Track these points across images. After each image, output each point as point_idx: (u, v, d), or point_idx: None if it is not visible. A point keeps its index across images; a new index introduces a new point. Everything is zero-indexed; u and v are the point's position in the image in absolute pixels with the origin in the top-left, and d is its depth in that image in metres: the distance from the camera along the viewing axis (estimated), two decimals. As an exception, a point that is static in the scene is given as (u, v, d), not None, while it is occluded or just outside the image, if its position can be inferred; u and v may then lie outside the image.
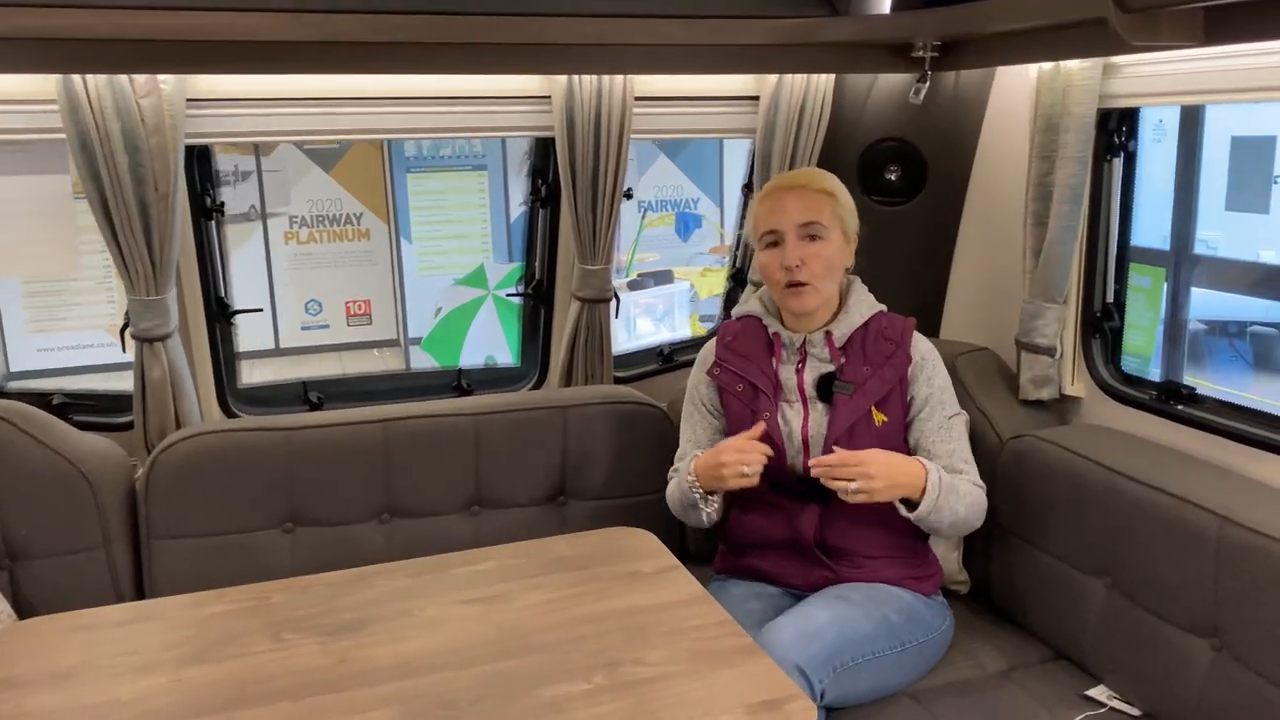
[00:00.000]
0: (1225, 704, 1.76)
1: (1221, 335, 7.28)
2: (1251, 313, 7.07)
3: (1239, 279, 6.49)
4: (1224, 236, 6.95)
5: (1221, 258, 6.67)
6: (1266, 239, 6.69)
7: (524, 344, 2.90)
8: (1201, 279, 6.22)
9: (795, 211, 1.99)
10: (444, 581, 1.87)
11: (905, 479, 1.90)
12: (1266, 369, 6.91)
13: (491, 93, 2.44)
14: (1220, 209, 6.96)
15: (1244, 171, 6.79)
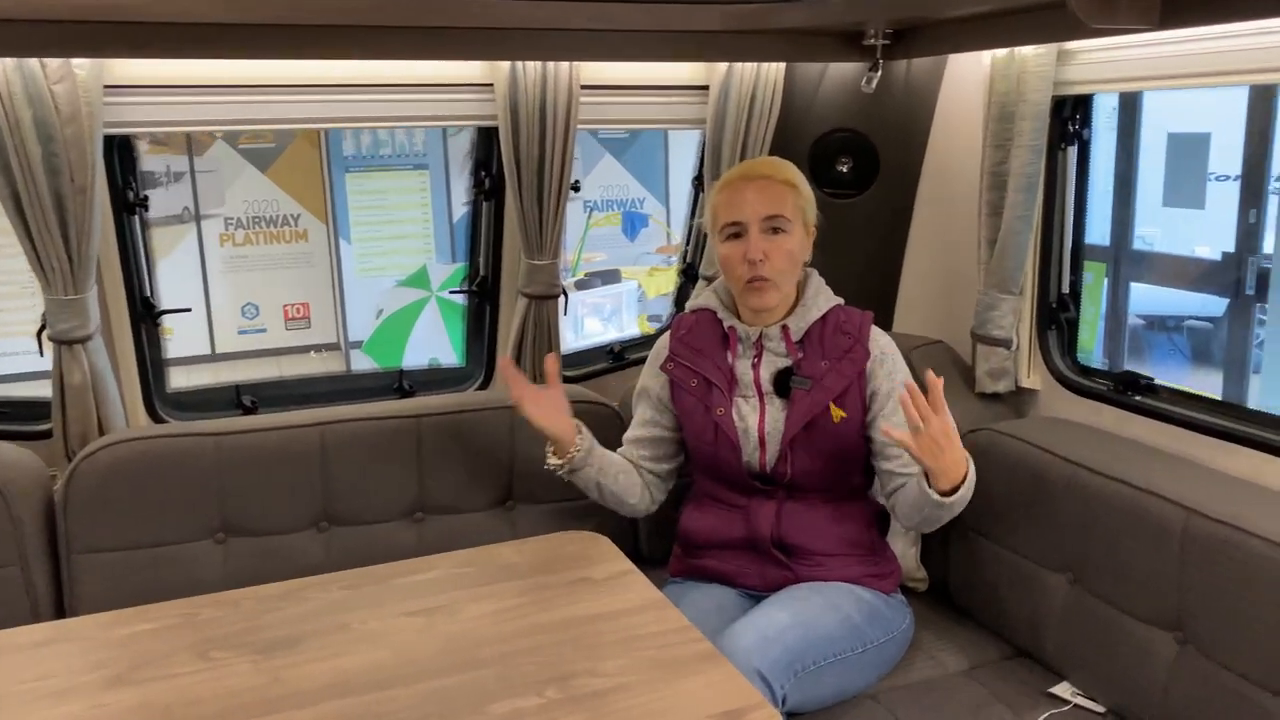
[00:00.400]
0: (1190, 698, 1.72)
1: (1160, 330, 7.42)
2: (1188, 307, 7.20)
3: (1176, 274, 6.59)
4: (1161, 232, 7.07)
5: (1159, 253, 6.78)
6: (1202, 235, 6.80)
7: (469, 343, 2.80)
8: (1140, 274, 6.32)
9: (759, 203, 1.93)
10: (385, 592, 1.77)
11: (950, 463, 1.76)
12: (1203, 362, 7.04)
13: (432, 80, 2.34)
14: (1158, 205, 7.08)
15: (1180, 168, 6.91)
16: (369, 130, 7.28)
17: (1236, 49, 1.85)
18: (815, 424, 1.93)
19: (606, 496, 2.10)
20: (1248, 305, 5.55)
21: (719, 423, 1.97)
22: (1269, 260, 5.31)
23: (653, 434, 2.12)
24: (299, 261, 7.37)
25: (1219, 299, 6.68)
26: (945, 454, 1.73)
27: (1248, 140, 5.37)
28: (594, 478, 2.06)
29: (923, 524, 1.91)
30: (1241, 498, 1.75)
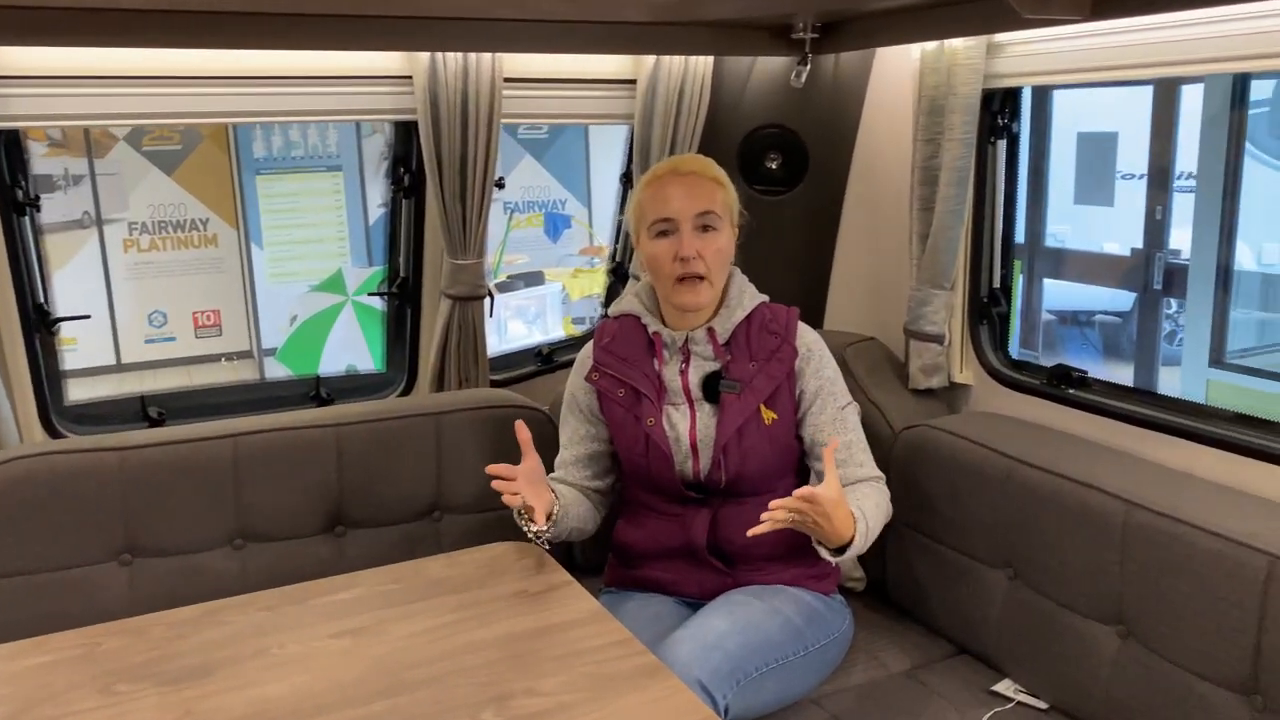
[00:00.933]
0: (1133, 691, 1.72)
1: (1072, 324, 7.61)
2: (1098, 302, 7.40)
3: (1087, 270, 6.75)
4: (1072, 230, 7.25)
5: (1071, 250, 6.94)
6: (1111, 232, 6.99)
7: (389, 348, 2.69)
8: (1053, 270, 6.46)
9: (690, 200, 1.86)
10: (306, 613, 1.67)
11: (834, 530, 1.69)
12: (1114, 356, 7.24)
13: (347, 72, 2.23)
14: (1069, 203, 7.26)
15: (1090, 166, 7.09)
16: (280, 130, 7.08)
17: (1162, 41, 1.85)
18: (747, 428, 1.88)
19: (572, 536, 1.97)
20: (1155, 300, 5.68)
21: (650, 434, 1.91)
22: (1175, 256, 5.45)
23: (590, 450, 2.04)
24: (208, 267, 7.12)
25: (1128, 294, 6.88)
26: (830, 522, 1.66)
27: (1153, 139, 5.51)
28: (567, 527, 1.91)
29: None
30: (1180, 489, 1.75)
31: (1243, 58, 1.77)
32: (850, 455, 1.92)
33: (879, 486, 1.93)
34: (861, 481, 1.92)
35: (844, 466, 1.91)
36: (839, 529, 1.69)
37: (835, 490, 1.67)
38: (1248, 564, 1.53)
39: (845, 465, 1.91)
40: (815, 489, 1.63)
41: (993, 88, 2.19)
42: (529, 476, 1.78)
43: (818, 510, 1.64)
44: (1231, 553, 1.56)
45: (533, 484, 1.79)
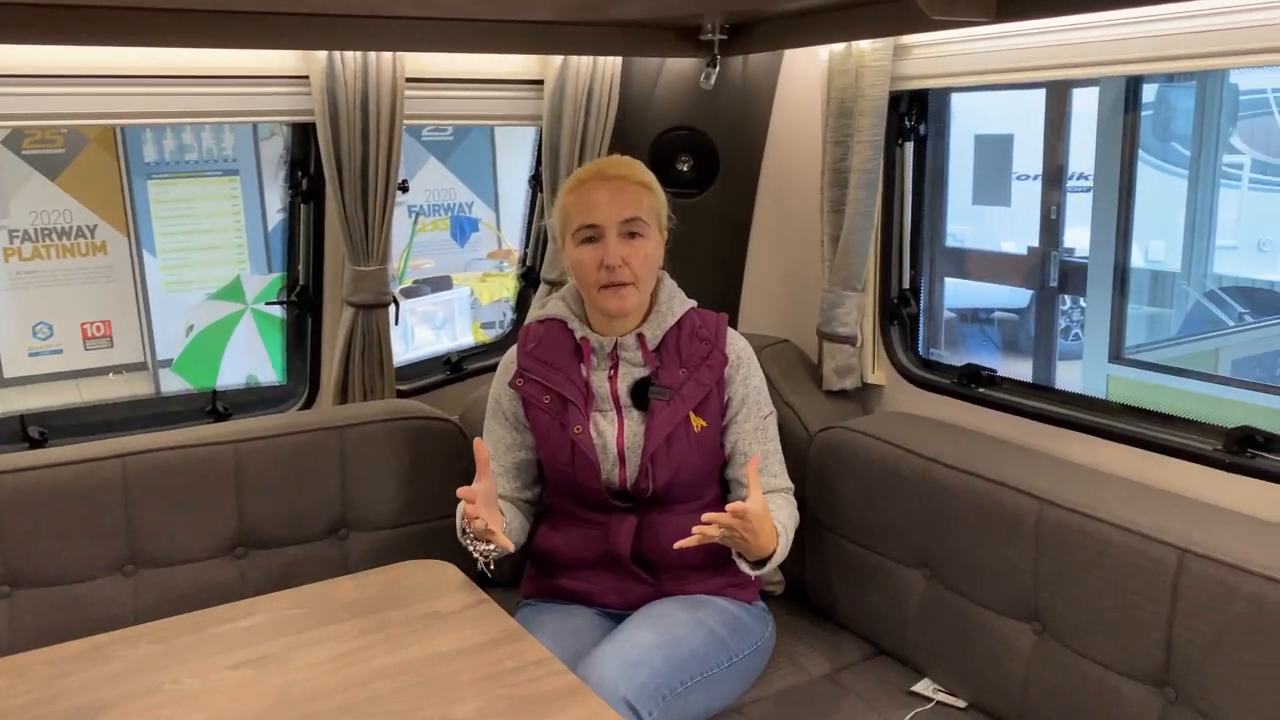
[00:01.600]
0: (1050, 687, 1.74)
1: (972, 322, 7.81)
2: (996, 300, 7.61)
3: (985, 269, 6.93)
4: (971, 229, 7.44)
5: (970, 249, 7.12)
6: (1008, 231, 7.19)
7: (290, 359, 2.58)
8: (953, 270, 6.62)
9: (616, 205, 1.81)
10: (204, 644, 1.57)
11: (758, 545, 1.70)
12: (1012, 352, 7.46)
13: (240, 71, 2.12)
14: (967, 203, 7.45)
15: (987, 168, 7.29)
16: (172, 133, 6.82)
17: (1061, 44, 1.88)
18: (676, 435, 1.85)
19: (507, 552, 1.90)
20: (1051, 297, 5.85)
21: (576, 442, 1.85)
22: (1069, 255, 5.62)
23: (517, 459, 1.97)
24: (97, 276, 6.81)
25: (1024, 292, 7.09)
26: (757, 537, 1.68)
27: (1047, 141, 5.67)
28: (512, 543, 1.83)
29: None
30: (1090, 486, 1.77)
31: (1136, 60, 1.81)
32: (767, 466, 1.91)
33: (789, 499, 1.94)
34: (775, 493, 1.92)
35: (760, 476, 1.89)
36: (763, 543, 1.70)
37: (762, 505, 1.67)
38: (1158, 558, 1.56)
39: (762, 475, 1.89)
40: (746, 505, 1.63)
41: (900, 90, 2.20)
42: (486, 498, 1.71)
43: (746, 526, 1.64)
44: (1142, 547, 1.58)
45: (488, 506, 1.72)
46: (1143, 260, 6.18)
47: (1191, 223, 5.70)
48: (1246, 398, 3.78)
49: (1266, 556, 1.46)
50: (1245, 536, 1.53)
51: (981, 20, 1.73)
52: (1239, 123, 5.98)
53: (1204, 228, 5.74)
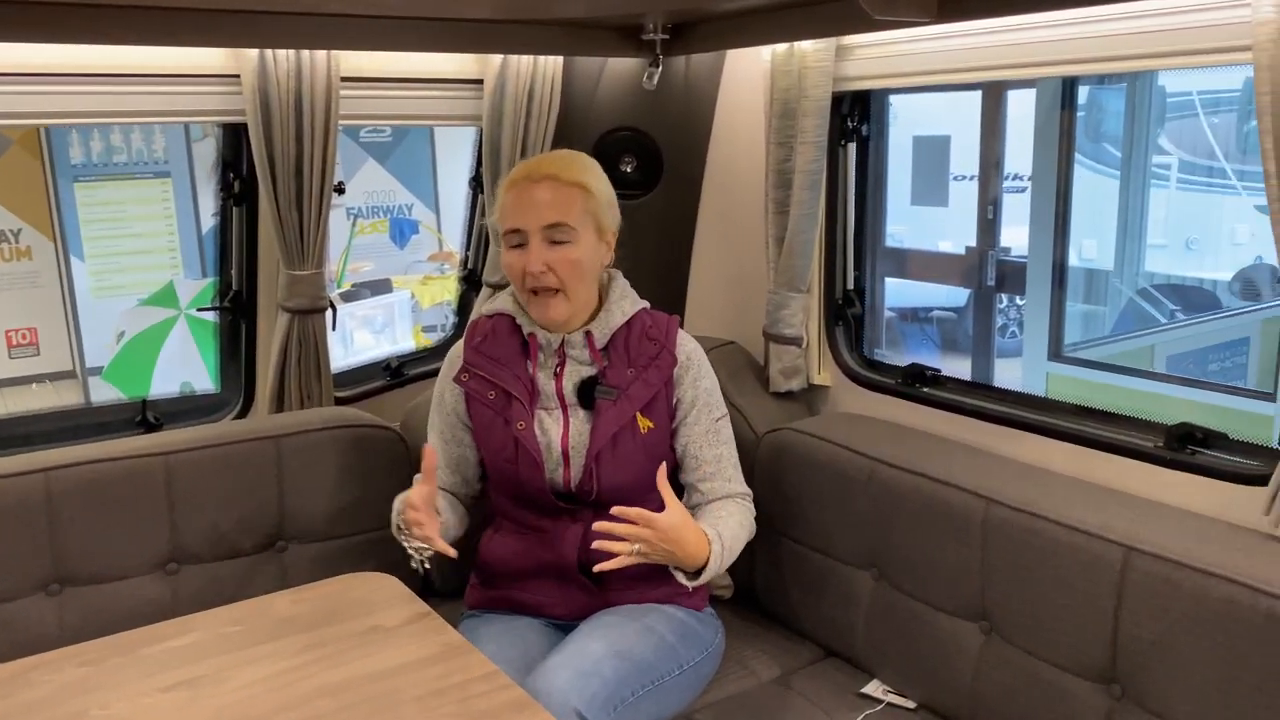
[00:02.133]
0: (998, 686, 1.74)
1: (912, 321, 7.91)
2: (935, 299, 7.72)
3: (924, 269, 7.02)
4: (909, 230, 7.53)
5: (909, 249, 7.21)
6: (946, 231, 7.29)
7: (224, 366, 2.51)
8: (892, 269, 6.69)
9: (542, 210, 1.77)
10: (134, 665, 1.51)
11: (686, 555, 1.68)
12: (951, 350, 7.58)
13: (169, 70, 2.05)
14: (906, 203, 7.54)
15: (925, 169, 7.38)
16: (100, 134, 6.62)
17: (999, 45, 1.89)
18: (622, 436, 1.82)
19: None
20: (989, 296, 5.93)
21: (519, 438, 1.82)
22: (1006, 254, 5.71)
23: (457, 455, 1.94)
24: (22, 282, 6.58)
25: (963, 291, 7.19)
26: (681, 546, 1.65)
27: (983, 142, 5.75)
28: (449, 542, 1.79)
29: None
30: (1036, 484, 1.78)
31: (1073, 61, 1.83)
32: (719, 469, 1.88)
33: (743, 505, 1.90)
34: (728, 498, 1.88)
35: (713, 480, 1.88)
36: (691, 551, 1.66)
37: (676, 515, 1.64)
38: (1104, 556, 1.57)
39: (714, 479, 1.88)
40: (654, 514, 1.60)
41: (842, 90, 2.19)
42: (427, 503, 1.68)
43: (662, 537, 1.61)
44: (1088, 545, 1.59)
45: (428, 510, 1.68)
46: (1077, 259, 6.31)
47: (1123, 222, 5.83)
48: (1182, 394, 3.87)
49: (1209, 552, 1.48)
50: (1188, 533, 1.55)
51: (923, 20, 1.73)
52: (1167, 124, 6.13)
53: (1135, 227, 5.88)
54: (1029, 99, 4.63)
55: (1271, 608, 1.37)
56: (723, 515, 1.83)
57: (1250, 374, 4.76)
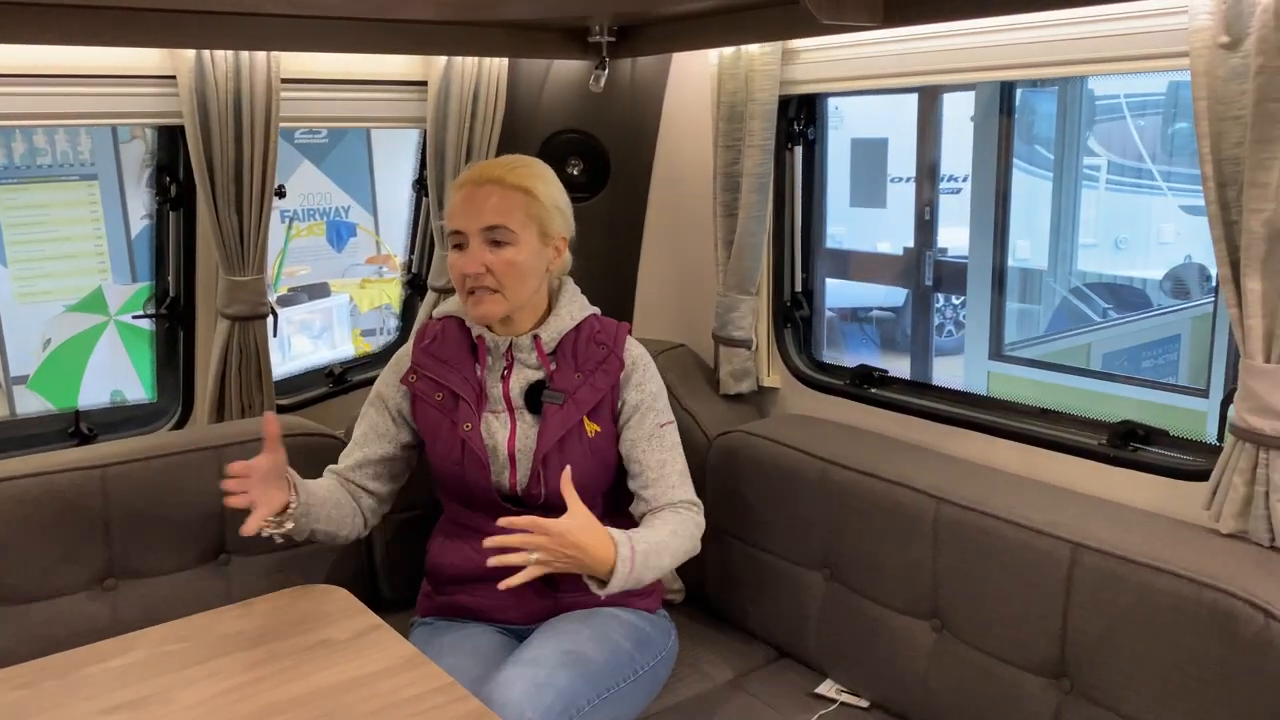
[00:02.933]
0: (950, 683, 1.76)
1: (852, 320, 8.00)
2: (874, 299, 7.81)
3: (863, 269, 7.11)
4: (848, 231, 7.62)
5: (848, 250, 7.29)
6: (884, 232, 7.39)
7: (160, 375, 2.44)
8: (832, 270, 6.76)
9: (482, 212, 1.77)
10: (74, 688, 1.45)
11: (594, 561, 1.61)
12: (890, 349, 7.68)
13: (101, 70, 1.98)
14: (845, 205, 7.62)
15: (863, 170, 7.47)
16: (22, 135, 6.40)
17: (940, 49, 1.92)
18: (569, 439, 1.81)
19: (319, 540, 1.84)
20: (927, 296, 6.02)
21: (466, 440, 1.80)
22: (943, 254, 5.80)
23: (382, 452, 1.90)
24: (-60, 289, 6.35)
25: (900, 290, 7.29)
26: (585, 552, 1.59)
27: (919, 144, 5.84)
28: (308, 527, 1.77)
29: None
30: (984, 483, 1.81)
31: (1009, 66, 1.87)
32: (663, 475, 1.86)
33: (685, 515, 1.84)
34: (671, 505, 1.84)
35: (656, 486, 1.85)
36: (599, 557, 1.60)
37: (576, 519, 1.59)
38: (1052, 552, 1.59)
39: (657, 485, 1.85)
40: (546, 520, 1.56)
41: (789, 94, 2.21)
42: (268, 475, 1.64)
43: (560, 543, 1.56)
44: (1036, 542, 1.62)
45: (270, 483, 1.65)
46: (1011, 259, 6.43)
47: (1056, 222, 5.96)
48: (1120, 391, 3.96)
49: (1153, 548, 1.51)
50: (1132, 528, 1.58)
51: (870, 25, 1.74)
52: (1096, 127, 6.28)
53: (1068, 227, 6.01)
54: (965, 101, 4.71)
55: (1215, 601, 1.40)
56: (654, 524, 1.79)
57: (1181, 371, 4.90)
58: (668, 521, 1.81)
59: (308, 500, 1.75)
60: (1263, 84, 1.39)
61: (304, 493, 1.75)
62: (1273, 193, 1.39)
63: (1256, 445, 1.47)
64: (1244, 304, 1.46)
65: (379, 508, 1.94)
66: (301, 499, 1.73)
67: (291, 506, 1.70)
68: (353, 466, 1.91)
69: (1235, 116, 1.45)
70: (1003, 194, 3.50)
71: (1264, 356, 1.45)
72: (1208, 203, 1.49)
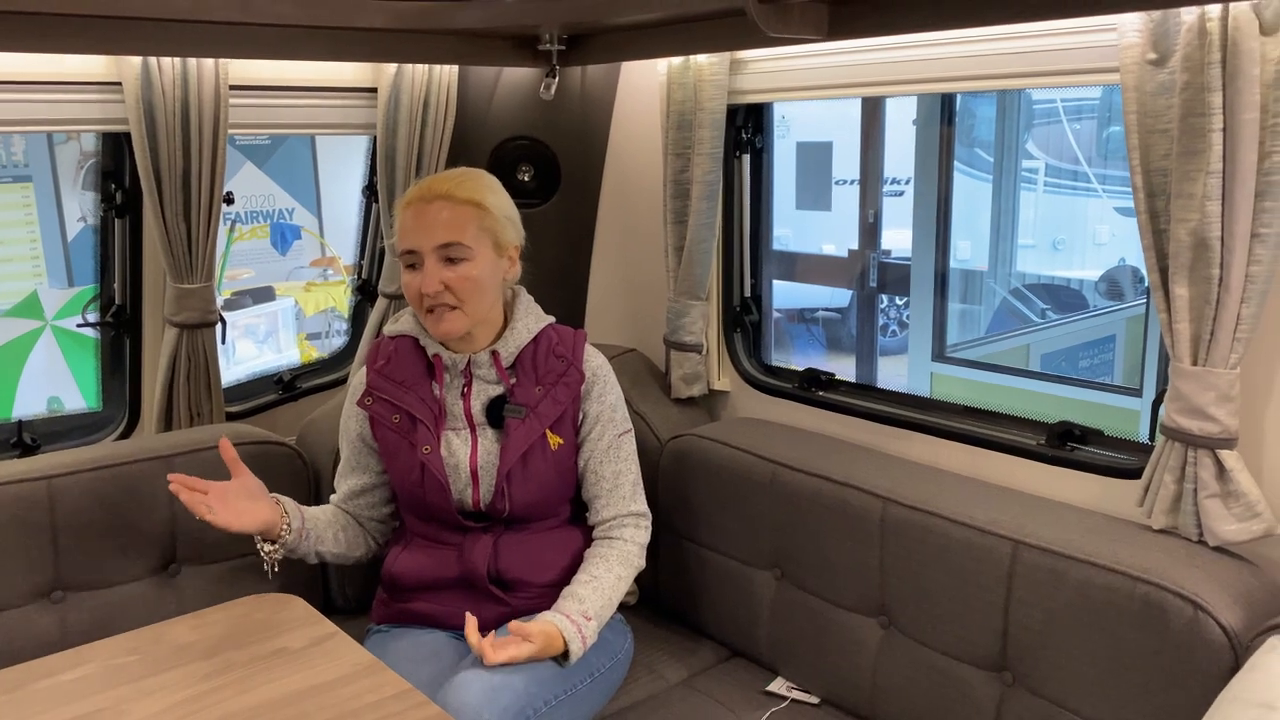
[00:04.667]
0: (897, 678, 1.81)
1: (799, 321, 8.09)
2: (819, 300, 7.92)
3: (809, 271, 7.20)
4: (794, 233, 7.71)
5: (794, 252, 7.38)
6: (829, 234, 7.49)
7: (105, 383, 2.41)
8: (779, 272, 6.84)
9: (434, 230, 1.77)
10: (23, 702, 1.44)
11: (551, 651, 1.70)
12: (836, 349, 7.79)
13: (44, 77, 1.96)
14: (791, 207, 7.71)
15: (809, 174, 7.57)
16: (-47, 138, 6.25)
17: (883, 62, 1.97)
18: (532, 453, 1.83)
19: (329, 560, 1.91)
20: (871, 297, 6.12)
21: (425, 462, 1.81)
22: (887, 256, 5.90)
23: (363, 482, 1.94)
24: None
25: (845, 292, 7.40)
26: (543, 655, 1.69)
27: (863, 148, 5.93)
28: (312, 549, 1.84)
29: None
30: (929, 483, 1.86)
31: (945, 79, 1.93)
32: (617, 486, 1.90)
33: (625, 548, 1.88)
34: (619, 519, 1.89)
35: (609, 497, 1.90)
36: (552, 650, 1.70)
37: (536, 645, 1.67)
38: (993, 550, 1.65)
39: (611, 496, 1.89)
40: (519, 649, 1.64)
41: (737, 104, 2.25)
42: (238, 493, 1.71)
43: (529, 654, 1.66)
44: (978, 540, 1.68)
45: (243, 500, 1.71)
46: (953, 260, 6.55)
47: (996, 224, 6.09)
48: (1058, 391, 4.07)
49: (1089, 544, 1.57)
50: (1070, 525, 1.64)
51: (814, 38, 1.78)
52: (1034, 130, 6.44)
53: (1007, 229, 6.15)
54: (908, 104, 4.80)
55: (1147, 594, 1.47)
56: (598, 573, 1.83)
57: (1117, 370, 5.04)
58: (612, 564, 1.85)
59: (305, 524, 1.81)
60: (1187, 99, 1.45)
61: (299, 517, 1.81)
62: (1198, 203, 1.46)
63: (1185, 444, 1.54)
64: (1172, 309, 1.53)
65: (384, 527, 1.99)
66: (296, 523, 1.79)
67: (283, 529, 1.76)
68: (344, 498, 1.96)
69: (1163, 130, 1.52)
70: (944, 198, 3.59)
71: (1191, 360, 1.52)
72: (1138, 212, 1.55)
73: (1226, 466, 1.51)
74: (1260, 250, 1.45)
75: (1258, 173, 1.43)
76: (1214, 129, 1.43)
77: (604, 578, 1.82)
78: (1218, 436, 1.51)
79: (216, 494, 1.68)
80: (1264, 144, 1.42)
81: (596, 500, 1.91)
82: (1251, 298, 1.46)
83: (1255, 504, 1.51)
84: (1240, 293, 1.46)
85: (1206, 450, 1.52)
